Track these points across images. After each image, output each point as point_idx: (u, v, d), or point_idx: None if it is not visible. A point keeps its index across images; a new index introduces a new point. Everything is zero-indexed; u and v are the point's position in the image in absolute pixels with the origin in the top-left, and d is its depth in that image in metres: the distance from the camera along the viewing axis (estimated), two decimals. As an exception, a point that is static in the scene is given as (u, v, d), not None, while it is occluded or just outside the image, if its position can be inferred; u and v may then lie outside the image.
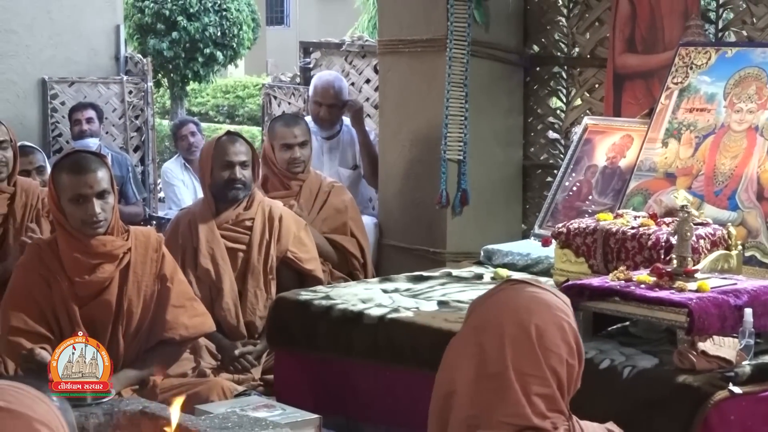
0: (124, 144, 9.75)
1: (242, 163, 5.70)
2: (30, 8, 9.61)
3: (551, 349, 2.71)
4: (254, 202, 5.79)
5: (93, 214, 4.58)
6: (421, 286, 5.18)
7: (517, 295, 2.79)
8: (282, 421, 4.02)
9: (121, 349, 4.69)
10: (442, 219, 6.44)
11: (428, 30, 6.48)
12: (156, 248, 4.84)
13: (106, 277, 4.70)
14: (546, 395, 2.70)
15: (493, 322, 2.74)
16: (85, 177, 4.58)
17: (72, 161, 4.69)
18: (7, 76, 9.47)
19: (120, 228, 4.76)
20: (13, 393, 2.00)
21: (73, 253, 4.66)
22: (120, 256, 4.73)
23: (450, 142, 6.33)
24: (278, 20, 32.58)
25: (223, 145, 5.76)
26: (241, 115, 21.94)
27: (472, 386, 2.69)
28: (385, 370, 4.69)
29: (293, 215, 5.93)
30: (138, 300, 4.75)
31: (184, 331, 4.84)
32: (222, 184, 5.73)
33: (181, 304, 4.85)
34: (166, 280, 4.82)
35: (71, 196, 4.59)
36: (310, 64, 8.54)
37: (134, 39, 18.49)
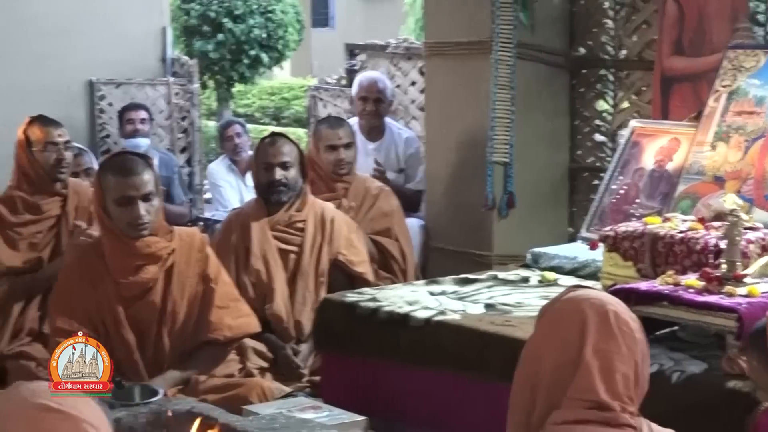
0: (171, 145, 9.79)
1: (283, 165, 5.71)
2: (77, 11, 9.67)
3: (626, 331, 2.73)
4: (306, 204, 5.80)
5: (138, 216, 4.61)
6: (467, 289, 5.17)
7: (589, 292, 2.84)
8: (329, 422, 4.03)
9: (165, 350, 4.71)
10: (488, 222, 6.43)
11: (474, 32, 6.47)
12: (200, 248, 4.86)
13: (150, 278, 4.72)
14: (624, 374, 2.70)
15: (570, 313, 2.76)
16: (131, 179, 4.61)
17: (118, 163, 4.72)
18: (55, 77, 9.53)
19: (164, 229, 4.78)
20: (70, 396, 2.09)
21: (118, 255, 4.69)
22: (164, 257, 4.75)
23: (496, 144, 6.32)
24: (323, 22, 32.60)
25: (264, 147, 5.79)
26: (287, 117, 21.96)
27: (553, 374, 2.70)
28: (431, 373, 4.68)
29: (345, 218, 5.93)
30: (182, 300, 4.76)
31: (228, 332, 4.85)
32: (264, 186, 5.75)
33: (225, 305, 4.86)
34: (209, 281, 4.84)
35: (116, 198, 4.62)
36: (356, 66, 8.54)
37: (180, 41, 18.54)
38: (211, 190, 9.19)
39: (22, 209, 5.62)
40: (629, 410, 2.70)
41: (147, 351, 4.70)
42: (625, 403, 2.69)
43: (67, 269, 4.81)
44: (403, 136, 7.38)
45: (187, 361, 4.77)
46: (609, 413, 2.66)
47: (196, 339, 4.80)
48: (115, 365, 4.47)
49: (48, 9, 9.50)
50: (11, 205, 5.62)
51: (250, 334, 5.15)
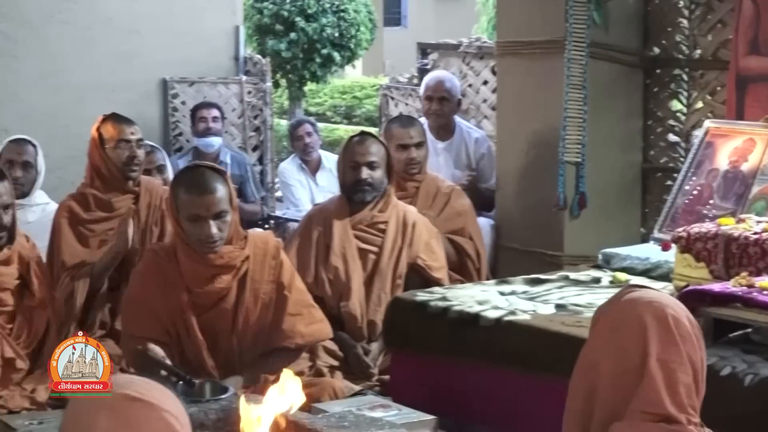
0: (243, 143, 9.83)
1: (370, 164, 5.71)
2: (152, 10, 9.75)
3: (686, 337, 2.70)
4: (389, 206, 5.80)
5: (209, 235, 4.59)
6: (538, 289, 5.15)
7: (646, 294, 2.79)
8: (398, 421, 4.03)
9: (236, 354, 4.72)
10: (559, 222, 6.40)
11: (547, 32, 6.44)
12: (274, 255, 4.84)
13: (223, 288, 4.72)
14: (687, 384, 2.67)
15: (629, 318, 2.72)
16: (203, 198, 4.57)
17: (191, 178, 4.66)
18: (129, 76, 9.61)
19: (239, 235, 4.76)
20: (144, 385, 2.18)
21: (191, 265, 4.69)
22: (238, 265, 4.75)
23: (568, 144, 6.29)
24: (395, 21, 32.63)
25: (352, 146, 5.79)
26: (358, 116, 22.01)
27: (613, 383, 2.67)
28: (501, 373, 4.67)
29: (426, 222, 5.92)
30: (255, 307, 4.76)
31: (300, 339, 4.84)
32: (349, 185, 5.76)
33: (298, 312, 4.85)
34: (283, 288, 4.83)
35: (188, 216, 4.60)
36: (428, 65, 8.53)
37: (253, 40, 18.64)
38: (282, 189, 9.23)
39: (94, 206, 5.66)
40: (694, 421, 2.67)
41: (218, 355, 4.71)
42: (690, 415, 2.66)
43: (139, 275, 4.80)
44: (473, 135, 7.36)
45: (258, 363, 4.77)
46: (676, 426, 2.63)
47: (267, 345, 4.80)
48: (186, 366, 4.52)
49: (124, 8, 9.59)
50: (84, 202, 5.67)
51: (322, 341, 5.14)
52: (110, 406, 2.14)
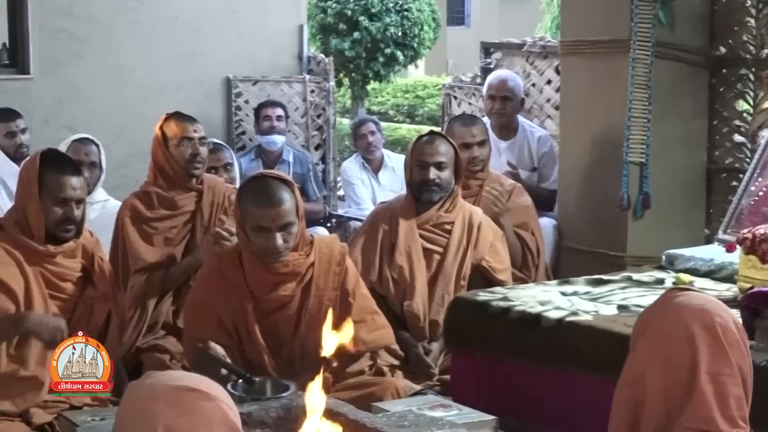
0: (306, 142, 9.86)
1: (438, 165, 5.70)
2: (216, 8, 9.80)
3: (735, 345, 2.66)
4: (456, 206, 5.79)
5: (274, 247, 4.56)
6: (600, 290, 5.12)
7: (689, 299, 2.74)
8: (458, 421, 4.01)
9: (298, 360, 4.72)
10: (622, 222, 6.36)
11: (612, 31, 6.40)
12: (339, 262, 4.81)
13: (287, 295, 4.71)
14: (738, 397, 2.63)
15: (676, 329, 2.67)
16: (269, 210, 4.54)
17: (258, 189, 4.61)
18: (193, 75, 9.67)
19: (305, 241, 4.73)
20: (204, 380, 2.26)
21: (256, 272, 4.67)
22: (302, 272, 4.75)
23: (632, 144, 6.25)
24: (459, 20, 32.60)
25: (421, 146, 5.78)
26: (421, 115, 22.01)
27: (661, 396, 2.63)
28: (562, 373, 4.64)
29: (492, 224, 5.91)
30: (319, 314, 4.74)
31: (362, 346, 4.81)
32: (417, 185, 5.75)
33: (362, 319, 4.81)
34: (347, 295, 4.81)
35: (254, 226, 4.57)
36: (491, 64, 8.51)
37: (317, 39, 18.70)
38: (344, 188, 9.24)
39: (157, 204, 5.69)
40: None
41: (280, 359, 4.71)
42: (741, 428, 2.62)
43: (204, 277, 4.79)
44: (536, 134, 7.34)
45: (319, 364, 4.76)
46: None
47: None
48: (248, 366, 4.53)
49: (189, 7, 9.65)
50: (147, 200, 5.69)
51: (384, 347, 5.13)
52: (166, 397, 2.20)
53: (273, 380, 4.29)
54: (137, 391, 2.26)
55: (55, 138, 7.18)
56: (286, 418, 3.90)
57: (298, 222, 4.63)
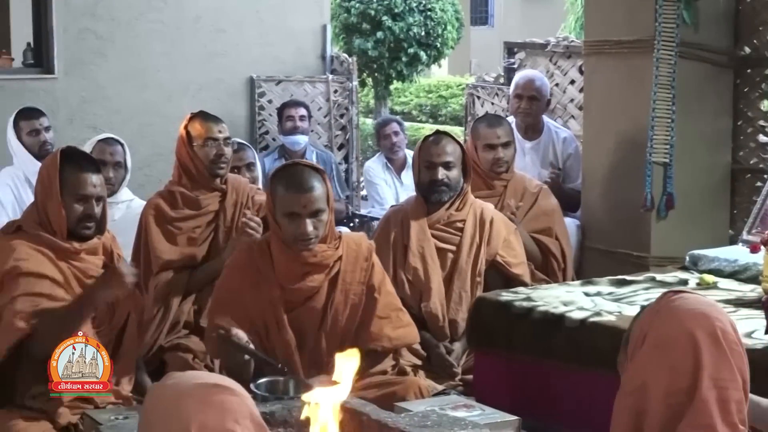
0: (329, 142, 9.86)
1: (446, 164, 5.70)
2: (239, 8, 9.82)
3: (735, 348, 2.66)
4: (466, 204, 5.79)
5: (304, 233, 4.59)
6: (624, 290, 5.11)
7: (687, 304, 2.73)
8: (481, 421, 4.01)
9: (324, 353, 4.74)
10: (646, 222, 6.35)
11: (635, 31, 6.39)
12: (366, 257, 4.85)
13: (315, 286, 4.73)
14: (738, 401, 2.63)
15: (677, 335, 2.67)
16: (301, 196, 4.58)
17: (290, 176, 4.67)
18: (217, 74, 9.69)
19: (333, 235, 4.77)
20: (216, 376, 2.32)
21: (285, 262, 4.70)
22: (330, 265, 4.77)
23: (656, 144, 6.23)
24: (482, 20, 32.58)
25: (427, 146, 5.78)
26: (444, 115, 22.01)
27: (663, 403, 2.63)
28: (586, 374, 4.64)
29: (504, 218, 5.91)
30: (344, 308, 4.76)
31: (387, 342, 4.84)
32: (425, 185, 5.75)
33: (387, 315, 4.84)
34: (373, 291, 4.82)
35: (285, 212, 4.61)
36: (515, 64, 8.50)
37: (340, 38, 18.71)
38: (367, 188, 9.24)
39: (181, 204, 5.70)
40: None
41: (305, 354, 4.72)
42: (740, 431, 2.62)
43: (232, 268, 4.81)
44: (561, 135, 7.32)
45: None
46: None
47: (354, 346, 4.80)
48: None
49: (212, 7, 9.67)
50: (171, 200, 5.71)
51: (409, 345, 5.14)
52: (192, 394, 2.23)
53: (296, 380, 4.29)
54: (163, 391, 2.28)
55: (79, 137, 7.21)
56: (309, 417, 3.90)
57: (329, 212, 4.67)
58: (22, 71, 9.22)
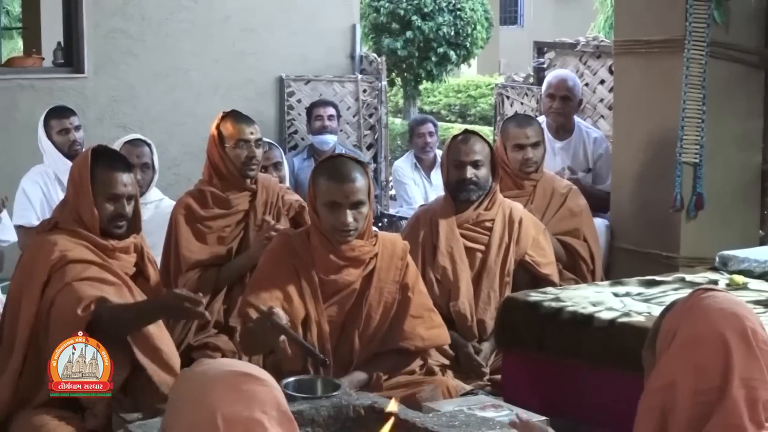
0: (358, 142, 9.88)
1: (474, 163, 5.69)
2: (269, 8, 9.84)
3: (764, 348, 2.65)
4: (495, 203, 5.78)
5: (344, 223, 4.61)
6: (653, 291, 5.09)
7: (717, 302, 2.72)
8: (509, 421, 4.00)
9: (355, 350, 4.74)
10: (675, 223, 6.33)
11: (666, 30, 6.36)
12: (401, 256, 4.86)
13: (351, 280, 4.74)
14: (765, 400, 2.62)
15: (708, 334, 2.66)
16: (343, 186, 4.60)
17: (333, 166, 4.70)
18: (246, 74, 9.72)
19: (370, 232, 4.79)
20: (253, 366, 2.32)
21: (323, 253, 4.71)
22: (366, 261, 4.78)
23: (686, 144, 6.21)
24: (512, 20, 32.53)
25: (456, 145, 5.77)
26: (473, 115, 21.98)
27: (691, 401, 2.62)
28: (614, 374, 4.62)
29: (533, 218, 5.89)
30: (378, 305, 4.77)
31: (420, 342, 4.84)
32: (454, 184, 5.74)
33: (420, 315, 4.85)
34: (407, 290, 4.83)
35: (326, 202, 4.63)
36: (544, 64, 8.49)
37: (369, 38, 18.73)
38: (396, 187, 9.24)
39: (212, 203, 5.71)
40: None
41: (337, 348, 4.73)
42: (765, 429, 2.61)
43: (274, 253, 4.79)
44: (592, 135, 7.30)
45: (373, 363, 4.78)
46: None
47: (386, 344, 4.81)
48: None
49: (242, 6, 9.70)
50: (202, 199, 5.71)
51: (440, 346, 5.13)
52: (220, 381, 2.24)
53: (323, 379, 4.29)
54: (191, 377, 2.29)
55: (108, 136, 7.24)
56: (337, 417, 3.90)
57: (369, 206, 4.70)
58: (53, 70, 9.27)
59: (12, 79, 8.88)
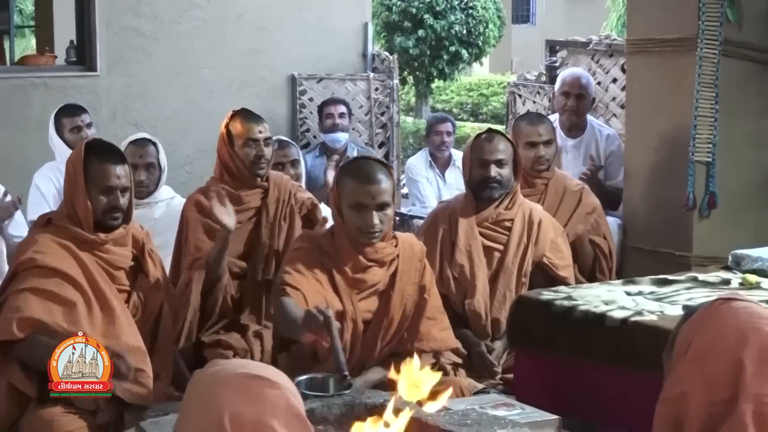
0: (370, 140, 9.87)
1: (498, 162, 5.69)
2: (281, 6, 9.85)
3: None
4: (515, 203, 5.77)
5: (370, 225, 4.61)
6: (665, 290, 5.08)
7: (737, 313, 2.69)
8: (521, 420, 4.00)
9: (375, 351, 4.75)
10: (688, 222, 6.31)
11: (678, 29, 6.35)
12: (420, 258, 4.87)
13: (378, 280, 4.76)
14: None
15: (719, 345, 2.64)
16: (369, 187, 4.60)
17: (359, 168, 4.71)
18: (258, 72, 9.72)
19: (390, 234, 4.80)
20: (261, 366, 2.32)
21: (348, 255, 4.72)
22: (388, 262, 4.79)
23: (698, 143, 6.20)
24: (524, 18, 32.52)
25: (480, 144, 5.76)
26: (485, 113, 21.98)
27: (702, 413, 2.61)
28: (626, 374, 4.61)
29: (552, 220, 5.88)
30: (399, 306, 4.77)
31: (434, 343, 4.85)
32: (477, 182, 5.73)
33: (434, 317, 4.87)
34: (425, 291, 4.85)
35: (352, 203, 4.63)
36: (556, 62, 8.48)
37: (381, 37, 18.75)
38: (408, 185, 9.24)
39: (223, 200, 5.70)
40: None
41: (355, 348, 4.72)
42: None
43: (302, 250, 4.77)
44: (605, 133, 7.29)
45: (387, 362, 4.77)
46: None
47: (401, 345, 4.81)
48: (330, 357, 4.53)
49: (255, 5, 9.70)
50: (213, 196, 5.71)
51: (448, 349, 5.13)
52: (231, 384, 2.23)
53: (336, 377, 4.29)
54: (203, 378, 2.29)
55: (121, 134, 7.24)
56: (348, 415, 3.90)
57: (393, 208, 4.72)
58: (65, 69, 9.29)
59: (25, 77, 8.90)
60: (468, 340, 5.52)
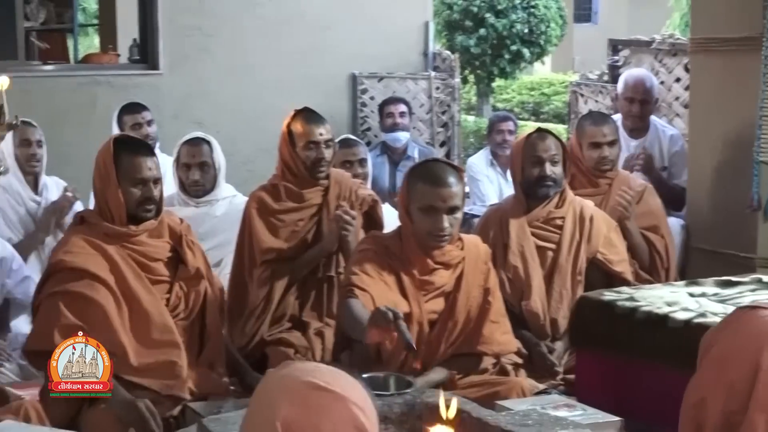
0: (431, 139, 9.87)
1: (552, 160, 5.66)
2: (342, 5, 9.86)
3: None
4: (566, 201, 5.75)
5: (440, 228, 4.62)
6: (729, 292, 5.04)
7: (759, 320, 2.67)
8: (583, 421, 3.98)
9: (440, 353, 4.74)
10: (752, 223, 6.25)
11: (743, 28, 6.29)
12: (485, 260, 4.89)
13: (444, 282, 4.78)
14: None
15: (739, 352, 2.61)
16: (440, 190, 4.61)
17: (430, 170, 4.71)
18: (320, 71, 9.74)
19: (455, 236, 4.80)
20: (330, 374, 2.19)
21: (415, 257, 4.74)
22: (454, 264, 4.79)
23: (763, 144, 6.13)
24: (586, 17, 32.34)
25: (533, 142, 5.73)
26: (546, 113, 21.88)
27: (719, 419, 2.59)
28: (689, 376, 4.56)
29: (604, 216, 5.85)
30: (464, 308, 4.78)
31: (497, 347, 4.86)
32: (532, 181, 5.71)
33: (497, 320, 4.88)
34: (489, 294, 4.85)
35: (422, 206, 4.64)
36: (619, 62, 8.42)
37: (442, 35, 18.72)
38: (469, 184, 9.20)
39: (285, 197, 5.71)
40: None
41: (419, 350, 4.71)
42: None
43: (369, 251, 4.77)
44: (668, 133, 7.23)
45: (449, 362, 4.78)
46: None
47: (464, 347, 4.81)
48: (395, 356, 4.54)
49: (316, 3, 9.73)
50: (275, 193, 5.72)
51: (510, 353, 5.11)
52: (295, 393, 2.16)
53: (397, 376, 4.29)
54: (270, 380, 2.25)
55: (183, 132, 7.25)
56: (409, 414, 3.91)
57: (461, 211, 4.72)
58: (128, 67, 9.37)
59: (89, 75, 8.99)
60: (528, 341, 5.51)
